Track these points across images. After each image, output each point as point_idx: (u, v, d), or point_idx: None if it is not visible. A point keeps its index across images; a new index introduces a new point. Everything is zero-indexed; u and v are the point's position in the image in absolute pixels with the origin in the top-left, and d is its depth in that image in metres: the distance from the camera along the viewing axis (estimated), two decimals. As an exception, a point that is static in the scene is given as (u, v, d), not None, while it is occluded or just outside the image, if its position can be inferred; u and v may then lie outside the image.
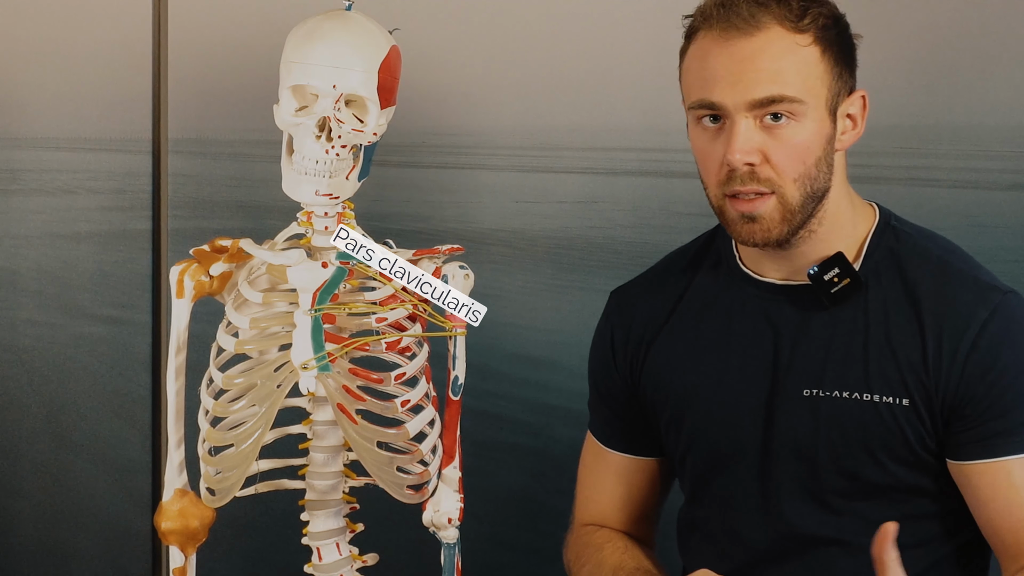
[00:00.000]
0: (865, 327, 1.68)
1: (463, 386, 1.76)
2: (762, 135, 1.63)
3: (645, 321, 1.85)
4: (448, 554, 1.80)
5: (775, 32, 1.62)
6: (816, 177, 1.65)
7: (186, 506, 1.73)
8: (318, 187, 1.64)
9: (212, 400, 1.69)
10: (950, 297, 1.66)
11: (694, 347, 1.79)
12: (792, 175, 1.63)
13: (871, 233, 1.72)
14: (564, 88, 2.66)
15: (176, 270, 1.70)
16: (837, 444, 1.68)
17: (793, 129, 1.62)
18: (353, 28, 1.65)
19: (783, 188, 1.64)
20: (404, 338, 1.69)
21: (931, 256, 1.70)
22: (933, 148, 2.57)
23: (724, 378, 1.76)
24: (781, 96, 1.61)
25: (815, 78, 1.63)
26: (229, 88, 2.67)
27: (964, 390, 1.63)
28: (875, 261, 1.70)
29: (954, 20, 2.54)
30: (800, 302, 1.72)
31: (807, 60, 1.63)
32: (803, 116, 1.62)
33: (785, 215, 1.65)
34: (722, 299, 1.79)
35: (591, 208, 2.67)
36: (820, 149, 1.64)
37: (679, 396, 1.80)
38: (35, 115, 2.70)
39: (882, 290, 1.68)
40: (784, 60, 1.62)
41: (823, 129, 1.64)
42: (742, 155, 1.62)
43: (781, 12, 1.62)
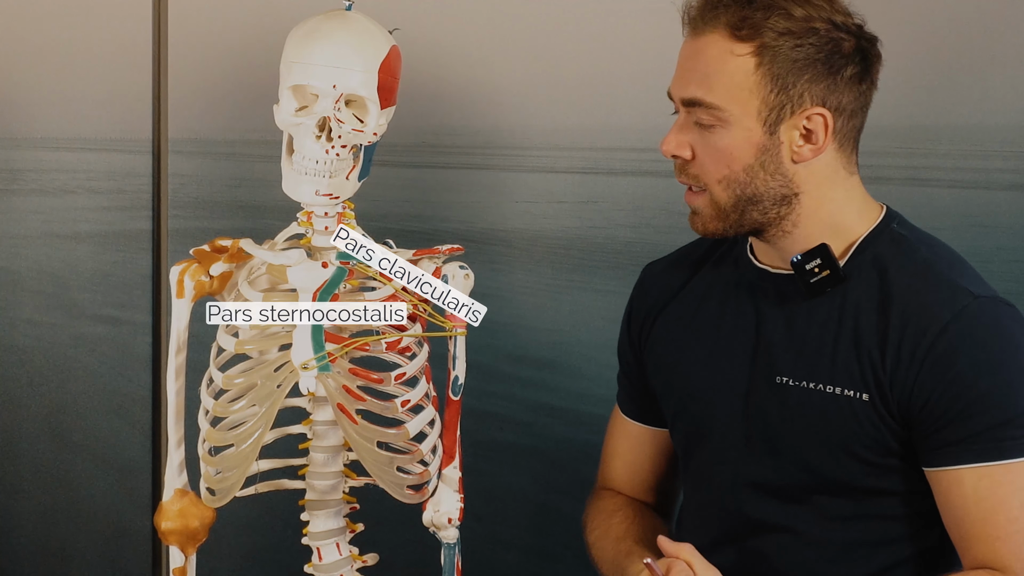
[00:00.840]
0: (838, 321, 1.69)
1: (463, 386, 1.76)
2: (695, 132, 1.68)
3: (657, 295, 1.89)
4: (448, 554, 1.80)
5: (715, 37, 1.65)
6: (748, 183, 1.67)
7: (186, 506, 1.73)
8: (318, 187, 1.64)
9: (212, 400, 1.69)
10: (920, 298, 1.65)
11: (690, 325, 1.83)
12: (716, 176, 1.68)
13: (867, 233, 1.72)
14: (564, 88, 2.66)
15: (176, 270, 1.70)
16: (800, 434, 1.70)
17: (718, 133, 1.66)
18: (353, 28, 1.65)
19: (709, 187, 1.69)
20: (404, 338, 1.69)
21: (917, 258, 1.69)
22: (933, 148, 2.57)
23: (709, 358, 1.79)
24: (700, 100, 1.66)
25: (744, 89, 1.64)
26: (229, 88, 2.67)
27: (919, 393, 1.63)
28: (862, 259, 1.70)
29: (954, 20, 2.54)
30: (786, 290, 1.73)
31: (738, 70, 1.64)
32: (727, 123, 1.65)
33: (717, 213, 1.69)
34: (724, 280, 1.82)
35: (591, 208, 2.67)
36: (750, 157, 1.66)
37: (670, 371, 1.85)
38: (35, 115, 2.70)
39: (861, 287, 1.69)
40: (713, 66, 1.65)
41: (752, 138, 1.66)
42: (667, 147, 1.71)
43: (727, 17, 1.64)
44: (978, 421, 1.60)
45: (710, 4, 1.66)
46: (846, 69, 1.66)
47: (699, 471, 1.83)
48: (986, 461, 1.60)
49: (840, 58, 1.66)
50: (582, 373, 2.64)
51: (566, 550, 2.59)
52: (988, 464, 1.60)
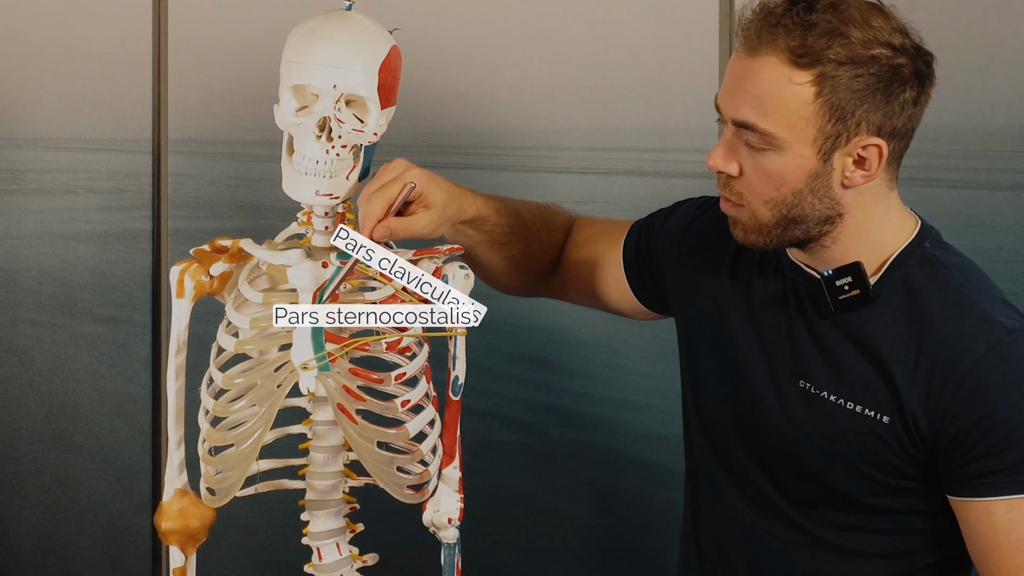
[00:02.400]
0: (864, 340, 1.67)
1: (463, 386, 1.76)
2: (744, 152, 1.64)
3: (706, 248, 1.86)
4: (448, 554, 1.80)
5: (772, 60, 1.59)
6: (795, 205, 1.64)
7: (186, 506, 1.73)
8: (318, 187, 1.64)
9: (212, 400, 1.69)
10: (953, 327, 1.63)
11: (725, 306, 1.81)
12: (763, 197, 1.64)
13: (898, 252, 1.69)
14: (564, 88, 2.66)
15: (176, 270, 1.70)
16: (816, 442, 1.70)
17: (768, 156, 1.62)
18: (353, 28, 1.65)
19: (753, 206, 1.65)
20: (404, 338, 1.69)
21: (949, 284, 1.66)
22: (933, 148, 2.57)
23: (740, 348, 1.77)
24: (754, 125, 1.61)
25: (801, 119, 1.59)
26: (229, 88, 2.67)
27: (950, 424, 1.61)
28: (893, 279, 1.68)
29: (954, 20, 2.54)
30: (817, 295, 1.71)
31: (796, 98, 1.59)
32: (779, 149, 1.61)
33: (759, 228, 1.67)
34: (764, 272, 1.78)
35: (591, 208, 2.67)
36: (800, 183, 1.62)
37: (701, 344, 1.83)
38: (35, 115, 2.70)
39: (891, 309, 1.66)
40: (770, 92, 1.59)
41: (804, 165, 1.61)
42: (714, 162, 1.65)
43: (786, 43, 1.58)
44: (1011, 455, 1.59)
45: (769, 24, 1.59)
46: (904, 93, 1.61)
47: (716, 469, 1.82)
48: (1018, 494, 1.59)
49: (899, 84, 1.60)
50: (582, 373, 2.64)
51: (566, 550, 2.59)
52: (1020, 496, 1.59)
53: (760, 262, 1.79)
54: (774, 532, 1.76)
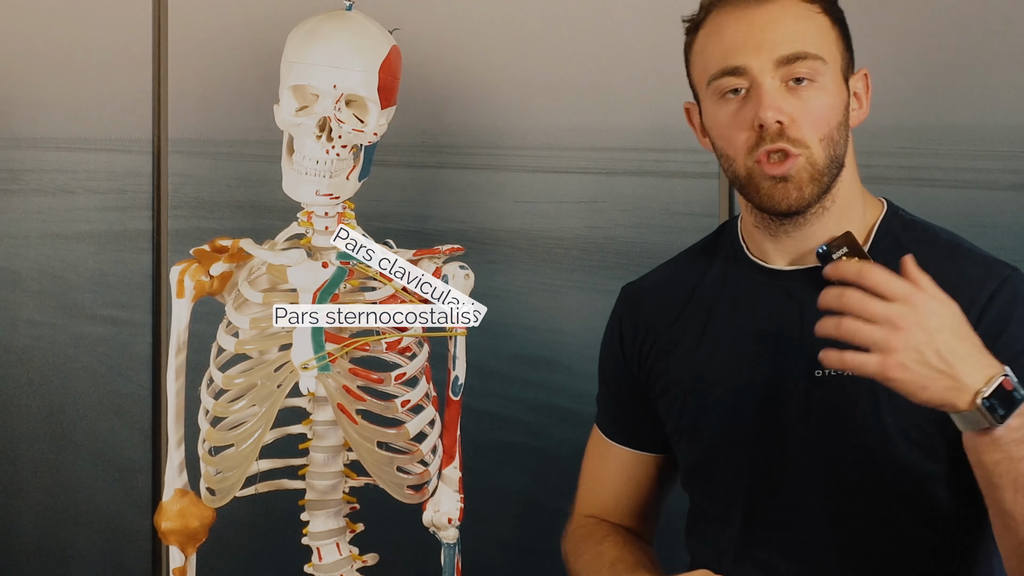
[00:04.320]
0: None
1: (463, 386, 1.77)
2: (789, 97, 1.67)
3: (655, 315, 1.86)
4: (448, 554, 1.80)
5: (786, 2, 1.69)
6: (838, 141, 1.69)
7: (186, 506, 1.73)
8: (318, 187, 1.64)
9: (212, 400, 1.69)
10: (959, 273, 1.66)
11: (703, 336, 1.80)
12: (818, 135, 1.67)
13: (879, 220, 1.75)
14: (564, 88, 2.66)
15: (176, 270, 1.70)
16: (850, 423, 1.68)
17: (816, 90, 1.67)
18: (353, 28, 1.65)
19: (810, 148, 1.67)
20: (404, 338, 1.69)
21: (939, 241, 1.73)
22: (933, 148, 2.57)
23: (732, 363, 1.76)
24: (805, 52, 1.67)
25: (830, 42, 1.69)
26: (229, 88, 2.66)
27: None
28: (883, 246, 1.72)
29: (954, 20, 2.54)
30: (808, 286, 1.70)
31: (822, 25, 1.69)
32: (823, 76, 1.67)
33: (814, 175, 1.68)
34: (730, 288, 1.80)
35: (591, 208, 2.66)
36: (840, 113, 1.69)
37: (687, 385, 1.80)
38: (35, 115, 2.70)
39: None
40: (803, 23, 1.68)
41: (841, 93, 1.70)
42: (774, 113, 1.65)
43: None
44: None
45: None
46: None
47: (731, 478, 1.78)
48: None
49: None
50: (582, 373, 2.63)
51: (566, 550, 2.59)
52: None
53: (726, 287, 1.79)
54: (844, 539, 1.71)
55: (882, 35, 2.51)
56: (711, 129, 1.74)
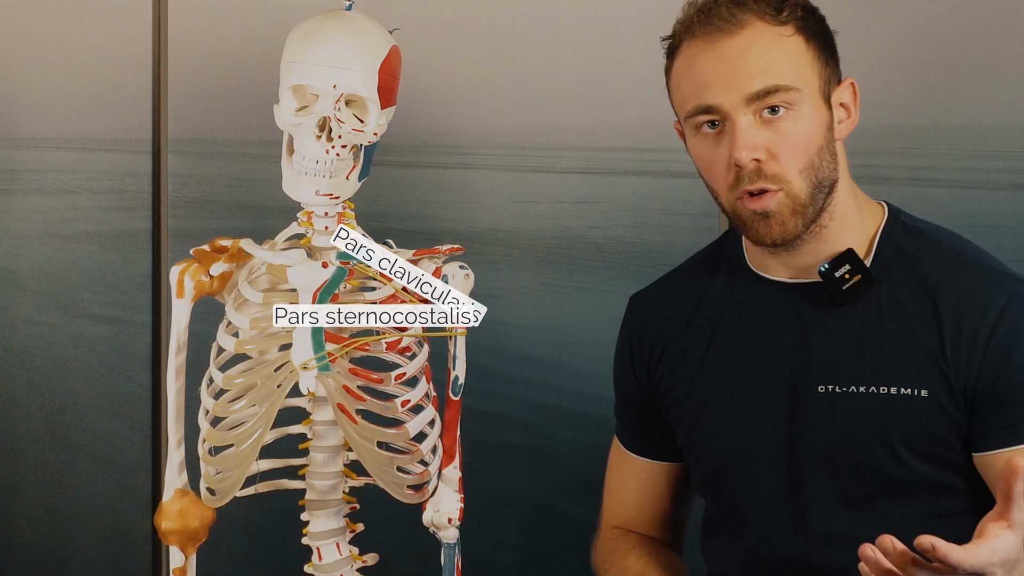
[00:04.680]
0: (880, 321, 1.66)
1: (463, 386, 1.76)
2: (763, 131, 1.63)
3: (662, 325, 1.84)
4: (448, 554, 1.80)
5: (757, 28, 1.64)
6: (820, 167, 1.65)
7: (186, 506, 1.73)
8: (318, 187, 1.64)
9: (212, 400, 1.69)
10: (966, 286, 1.65)
11: (709, 349, 1.79)
12: (797, 167, 1.64)
13: (880, 229, 1.72)
14: (564, 88, 2.66)
15: (176, 270, 1.70)
16: (856, 439, 1.67)
17: (792, 120, 1.63)
18: (353, 28, 1.65)
19: (790, 182, 1.64)
20: (404, 338, 1.69)
21: (942, 248, 1.70)
22: (933, 148, 2.57)
23: (740, 379, 1.75)
24: (776, 86, 1.62)
25: (804, 65, 1.64)
26: (229, 88, 2.67)
27: (985, 378, 1.62)
28: (886, 256, 1.70)
29: (954, 20, 2.54)
30: (811, 300, 1.71)
31: (794, 49, 1.64)
32: (800, 105, 1.63)
33: (796, 208, 1.65)
34: (735, 301, 1.78)
35: (591, 208, 2.67)
36: (821, 137, 1.65)
37: (696, 398, 1.79)
38: (35, 115, 2.70)
39: (894, 284, 1.67)
40: (772, 52, 1.63)
41: (820, 116, 1.65)
42: (748, 152, 1.62)
43: (759, 8, 1.64)
44: None
45: (736, 2, 1.65)
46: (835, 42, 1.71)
47: (746, 494, 1.76)
48: None
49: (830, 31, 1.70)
50: (582, 373, 2.64)
51: (566, 550, 2.59)
52: None
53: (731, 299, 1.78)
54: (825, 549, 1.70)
55: (882, 35, 2.52)
56: (694, 159, 1.72)
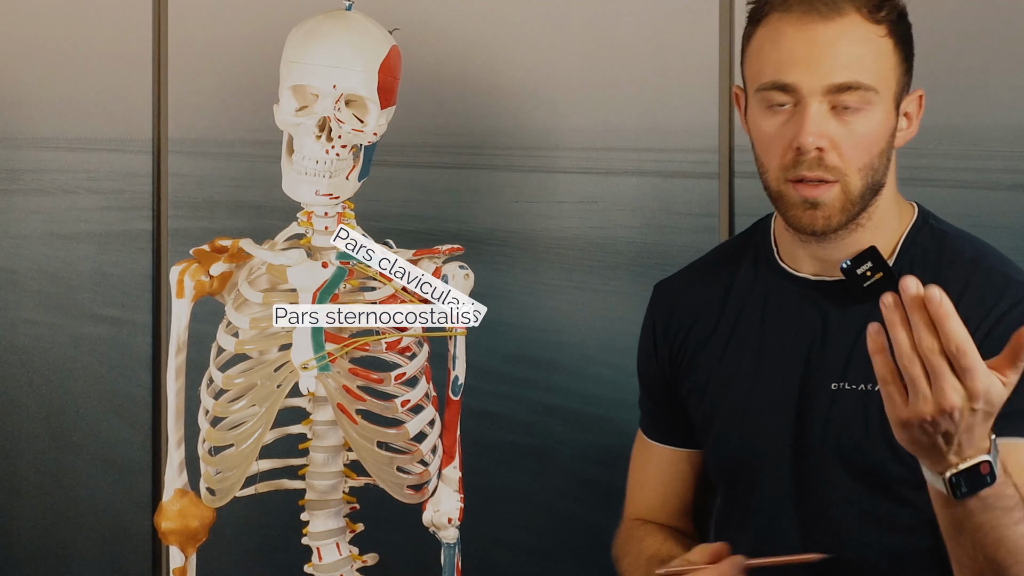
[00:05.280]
0: None
1: (463, 386, 1.77)
2: (833, 122, 1.64)
3: (685, 314, 1.85)
4: (448, 554, 1.80)
5: (854, 20, 1.64)
6: (877, 169, 1.66)
7: (186, 506, 1.73)
8: (318, 187, 1.64)
9: (212, 400, 1.69)
10: (976, 291, 1.65)
11: (730, 341, 1.79)
12: (857, 164, 1.65)
13: (908, 230, 1.73)
14: (564, 88, 2.66)
15: (176, 270, 1.70)
16: (861, 438, 1.67)
17: (863, 118, 1.64)
18: (353, 28, 1.65)
19: (848, 177, 1.65)
20: (404, 338, 1.69)
21: (965, 255, 1.70)
22: (933, 148, 2.57)
23: (757, 371, 1.76)
24: (858, 83, 1.63)
25: (888, 69, 1.65)
26: (229, 88, 2.67)
27: None
28: (910, 257, 1.70)
29: (954, 20, 2.54)
30: (833, 297, 1.71)
31: (882, 51, 1.64)
32: (874, 106, 1.64)
33: (846, 204, 1.66)
34: (759, 293, 1.78)
35: (591, 208, 2.66)
36: (884, 141, 1.66)
37: (713, 389, 1.80)
38: (35, 115, 2.70)
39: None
40: (863, 48, 1.63)
41: (889, 121, 1.66)
42: (815, 139, 1.62)
43: (860, 1, 1.64)
44: None
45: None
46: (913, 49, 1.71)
47: (757, 486, 1.77)
48: None
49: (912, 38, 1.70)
50: (582, 373, 2.64)
51: (566, 550, 2.59)
52: None
53: (755, 291, 1.78)
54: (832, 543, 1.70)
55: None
56: (752, 131, 1.71)
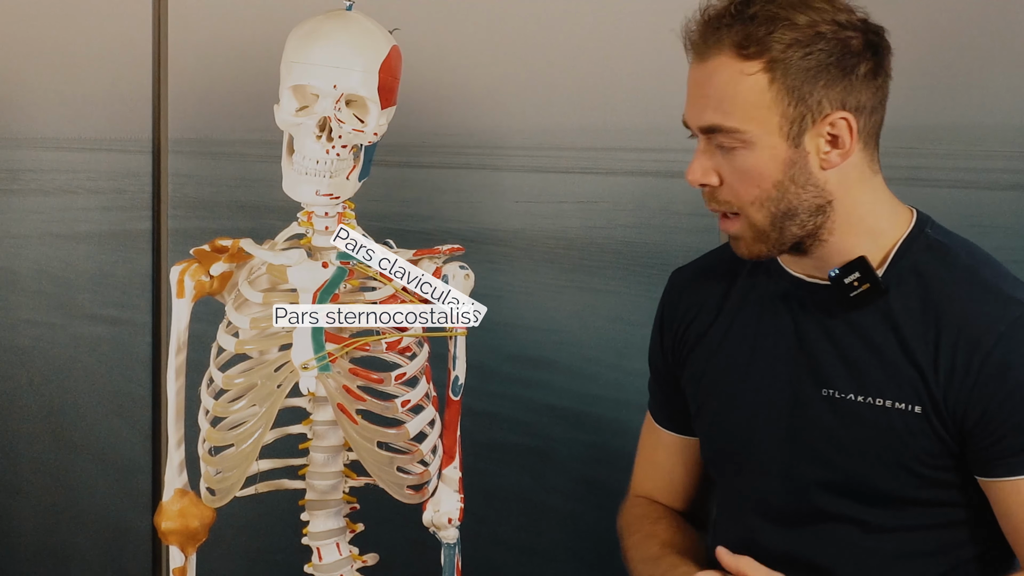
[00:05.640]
0: (883, 332, 1.65)
1: (463, 386, 1.77)
2: (719, 157, 1.64)
3: (690, 304, 1.86)
4: (448, 554, 1.80)
5: (722, 60, 1.61)
6: (781, 198, 1.63)
7: (186, 506, 1.73)
8: (318, 187, 1.64)
9: (212, 400, 1.69)
10: (970, 308, 1.62)
11: (727, 336, 1.80)
12: (747, 198, 1.64)
13: (901, 240, 1.69)
14: (564, 88, 2.66)
15: (176, 270, 1.70)
16: (848, 447, 1.68)
17: (741, 156, 1.62)
18: (353, 28, 1.65)
19: (744, 210, 1.65)
20: (404, 338, 1.69)
21: (958, 265, 1.66)
22: (933, 148, 2.57)
23: (749, 369, 1.76)
24: (720, 126, 1.61)
25: (762, 108, 1.60)
26: (229, 88, 2.67)
27: (975, 404, 1.60)
28: (901, 268, 1.67)
29: (954, 20, 2.54)
30: (824, 301, 1.70)
31: (752, 89, 1.60)
32: (750, 144, 1.61)
33: (758, 235, 1.65)
34: (759, 292, 1.78)
35: (591, 208, 2.67)
36: (778, 173, 1.62)
37: (708, 382, 1.81)
38: (35, 115, 2.70)
39: (904, 297, 1.65)
40: (727, 89, 1.61)
41: (777, 155, 1.62)
42: (693, 176, 1.65)
43: (731, 38, 1.60)
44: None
45: (711, 26, 1.62)
46: (860, 67, 1.62)
47: (743, 481, 1.79)
48: None
49: (852, 57, 1.61)
50: (582, 373, 2.64)
51: (566, 550, 2.59)
52: None
53: (750, 287, 1.79)
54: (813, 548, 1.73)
55: (882, 35, 2.52)
56: None
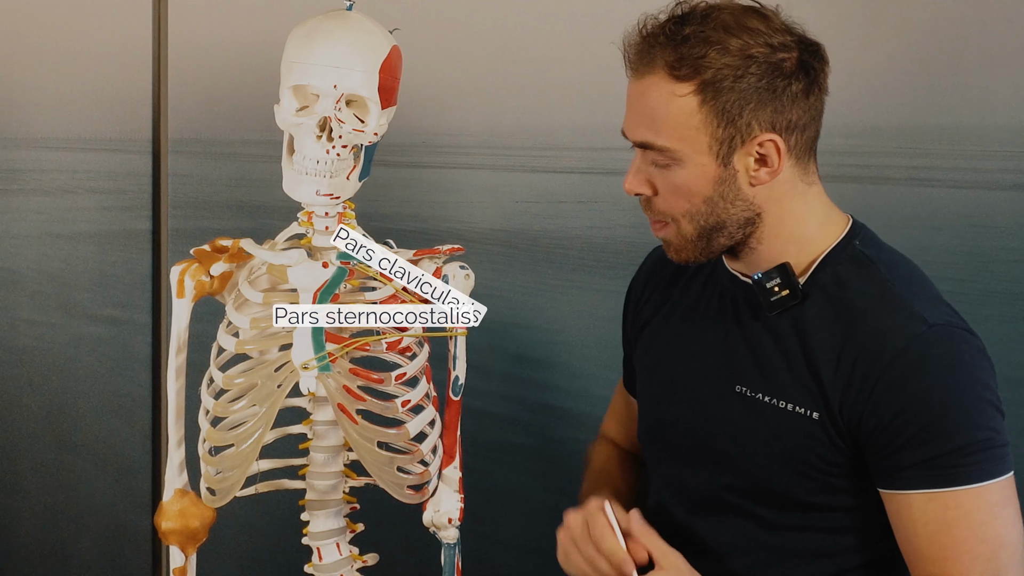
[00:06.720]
0: (794, 338, 1.69)
1: (463, 386, 1.77)
2: (653, 169, 1.68)
3: (647, 287, 1.93)
4: (448, 554, 1.80)
5: (656, 79, 1.65)
6: (711, 213, 1.67)
7: (186, 506, 1.73)
8: (319, 187, 1.64)
9: (212, 400, 1.69)
10: (876, 323, 1.64)
11: (668, 323, 1.86)
12: (679, 211, 1.69)
13: (828, 250, 1.71)
14: (564, 88, 2.66)
15: (176, 270, 1.70)
16: (754, 445, 1.71)
17: (673, 171, 1.67)
18: (354, 28, 1.65)
19: (675, 220, 1.70)
20: (404, 338, 1.69)
21: (875, 279, 1.68)
22: (933, 148, 2.57)
23: (684, 357, 1.82)
24: (651, 143, 1.66)
25: (691, 128, 1.63)
26: (229, 88, 2.67)
27: (869, 417, 1.63)
28: (822, 277, 1.70)
29: (954, 20, 2.54)
30: (752, 300, 1.74)
31: (682, 110, 1.63)
32: (679, 162, 1.65)
33: (686, 243, 1.71)
34: (705, 283, 1.83)
35: (591, 208, 2.67)
36: (708, 189, 1.66)
37: (647, 361, 1.88)
38: (35, 115, 2.70)
39: (818, 307, 1.69)
40: (658, 108, 1.65)
41: (707, 173, 1.65)
42: (629, 186, 1.71)
43: (665, 58, 1.64)
44: (928, 449, 1.60)
45: (646, 45, 1.66)
46: (791, 87, 1.64)
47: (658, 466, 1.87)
48: (935, 488, 1.60)
49: (783, 79, 1.63)
50: (582, 373, 2.64)
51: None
52: (937, 491, 1.60)
53: (697, 277, 1.84)
54: (713, 533, 1.77)
55: (882, 35, 2.52)
56: None
